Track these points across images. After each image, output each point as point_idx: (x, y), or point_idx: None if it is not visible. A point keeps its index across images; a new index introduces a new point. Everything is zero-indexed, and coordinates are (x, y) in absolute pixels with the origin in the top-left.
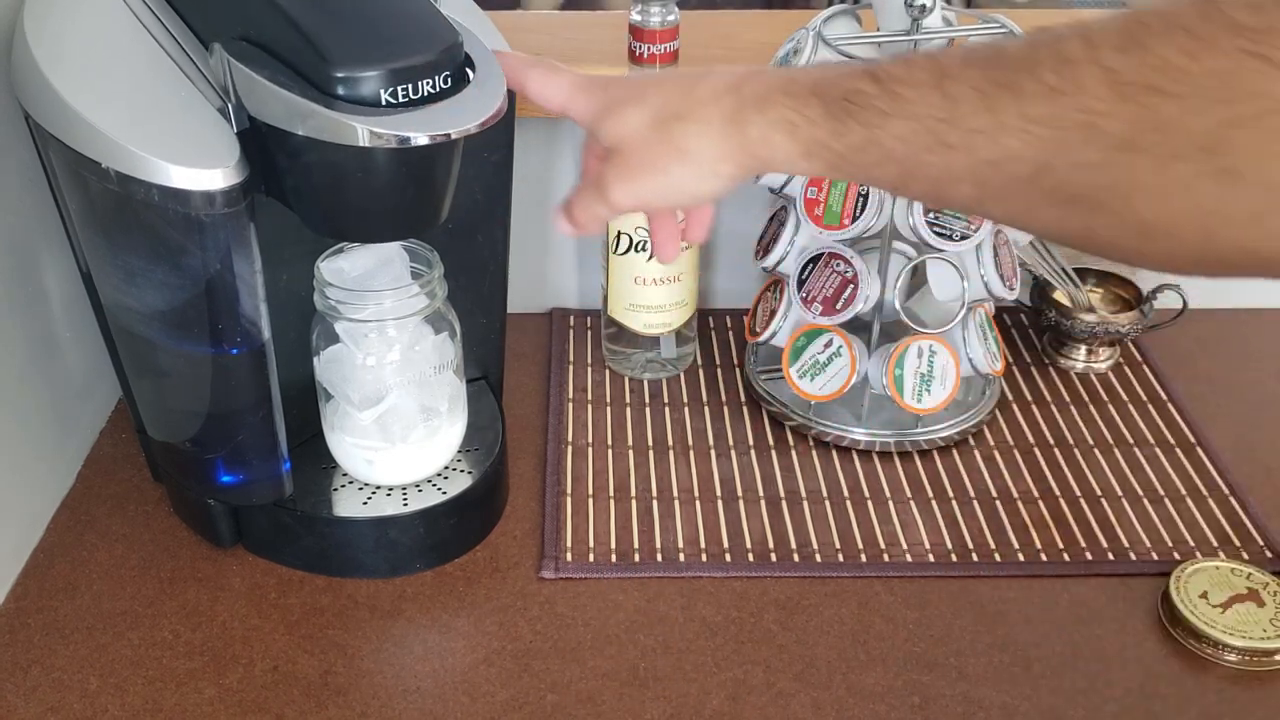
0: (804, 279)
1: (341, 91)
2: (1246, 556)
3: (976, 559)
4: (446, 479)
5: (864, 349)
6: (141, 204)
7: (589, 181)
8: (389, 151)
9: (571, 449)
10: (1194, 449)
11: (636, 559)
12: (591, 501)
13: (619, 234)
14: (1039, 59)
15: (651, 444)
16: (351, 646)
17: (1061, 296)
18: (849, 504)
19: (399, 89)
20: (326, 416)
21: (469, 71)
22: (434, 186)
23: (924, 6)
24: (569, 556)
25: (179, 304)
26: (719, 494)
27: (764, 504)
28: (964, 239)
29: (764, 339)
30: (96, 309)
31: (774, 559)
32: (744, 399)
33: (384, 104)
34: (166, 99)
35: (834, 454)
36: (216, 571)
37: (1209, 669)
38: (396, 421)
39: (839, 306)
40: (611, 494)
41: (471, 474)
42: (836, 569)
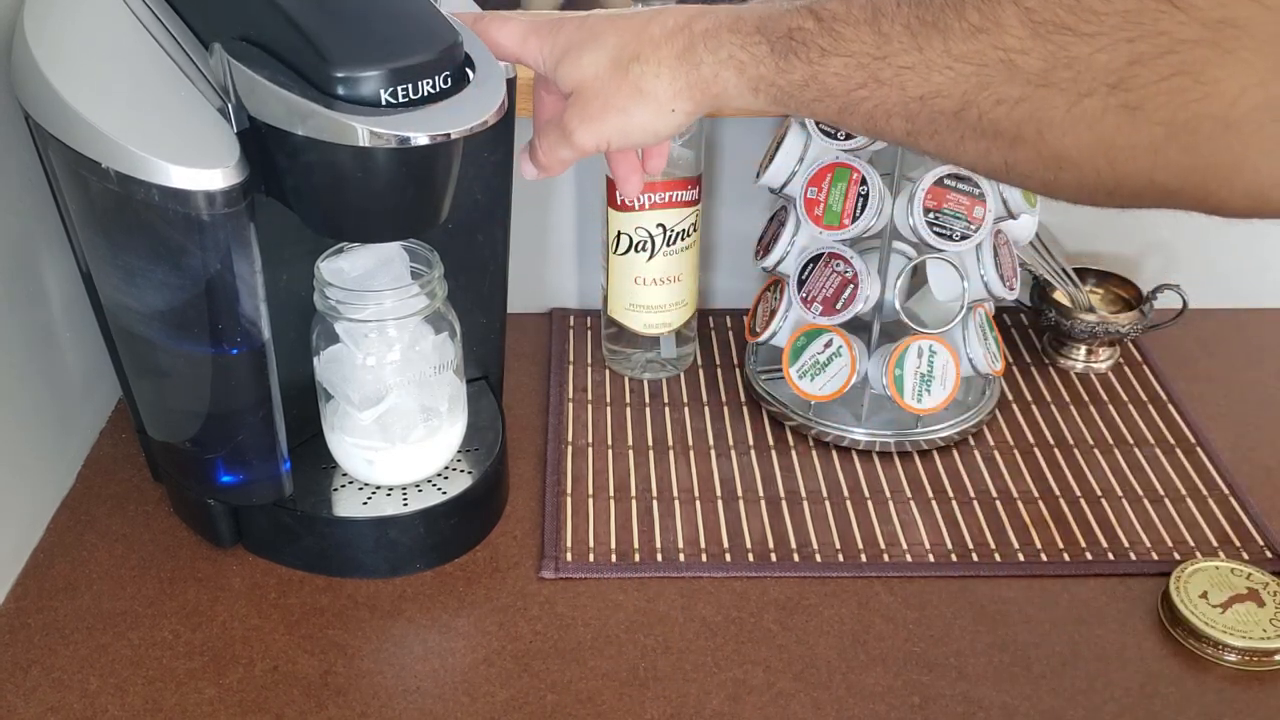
0: (804, 279)
1: (341, 91)
2: (1246, 556)
3: (976, 559)
4: (446, 479)
5: (864, 349)
6: (141, 204)
7: (551, 124)
8: (389, 151)
9: (571, 449)
10: (1194, 449)
11: (636, 559)
12: (591, 501)
13: (619, 234)
14: None
15: (651, 444)
16: (351, 646)
17: (1061, 296)
18: (849, 504)
19: (399, 89)
20: (326, 416)
21: (469, 71)
22: (434, 186)
23: None
24: (569, 556)
25: (179, 304)
26: (719, 494)
27: (764, 504)
28: (964, 239)
29: (764, 339)
30: (96, 309)
31: (774, 559)
32: (744, 399)
33: (384, 104)
34: (166, 99)
35: (834, 454)
36: (216, 571)
37: (1209, 669)
38: (396, 421)
39: (839, 306)
40: (611, 494)
41: (471, 474)
42: (836, 569)
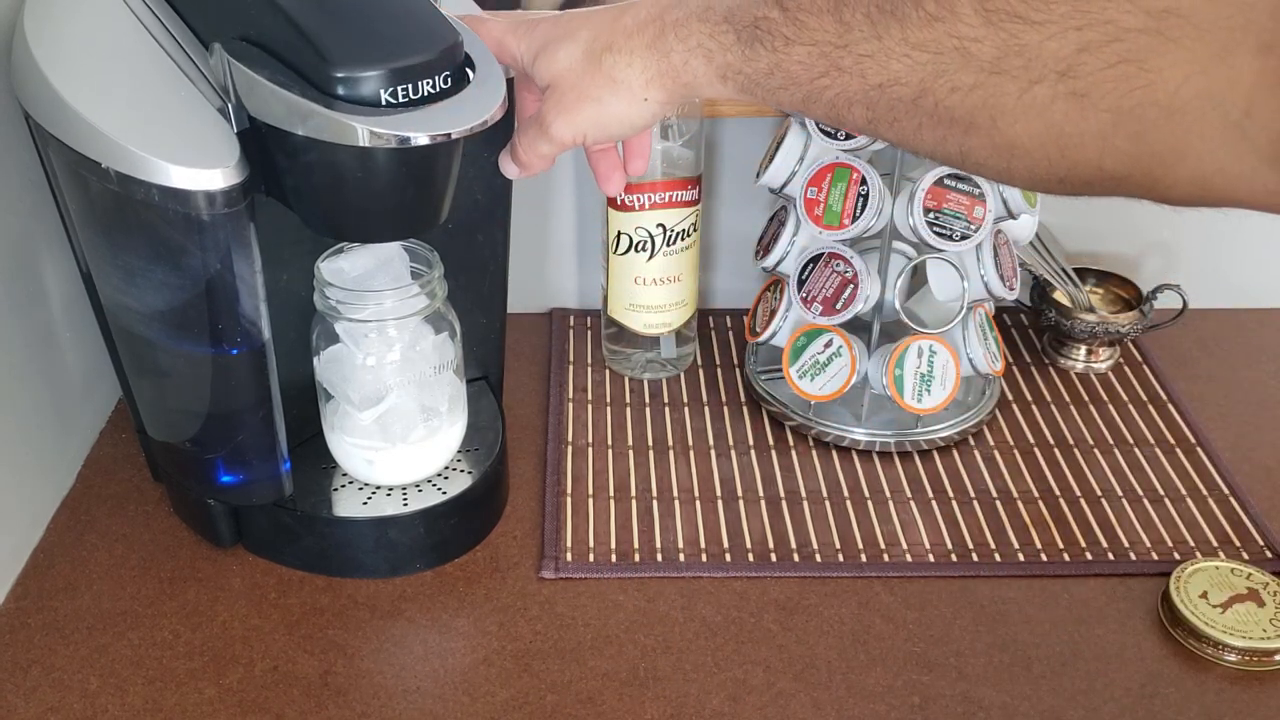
0: (804, 279)
1: (341, 91)
2: (1246, 556)
3: (976, 559)
4: (446, 479)
5: (864, 349)
6: (141, 204)
7: (529, 120)
8: (389, 151)
9: (571, 449)
10: (1194, 449)
11: (636, 559)
12: (591, 501)
13: (619, 234)
14: None
15: (651, 444)
16: (351, 646)
17: (1061, 296)
18: (849, 504)
19: (399, 89)
20: (326, 416)
21: (469, 71)
22: (434, 186)
23: None
24: (569, 556)
25: (179, 304)
26: (719, 494)
27: (764, 504)
28: (964, 239)
29: (764, 339)
30: (96, 309)
31: (774, 559)
32: (744, 399)
33: (384, 104)
34: (166, 99)
35: (834, 454)
36: (216, 571)
37: (1209, 669)
38: (396, 421)
39: (839, 306)
40: (611, 494)
41: (471, 474)
42: (836, 569)
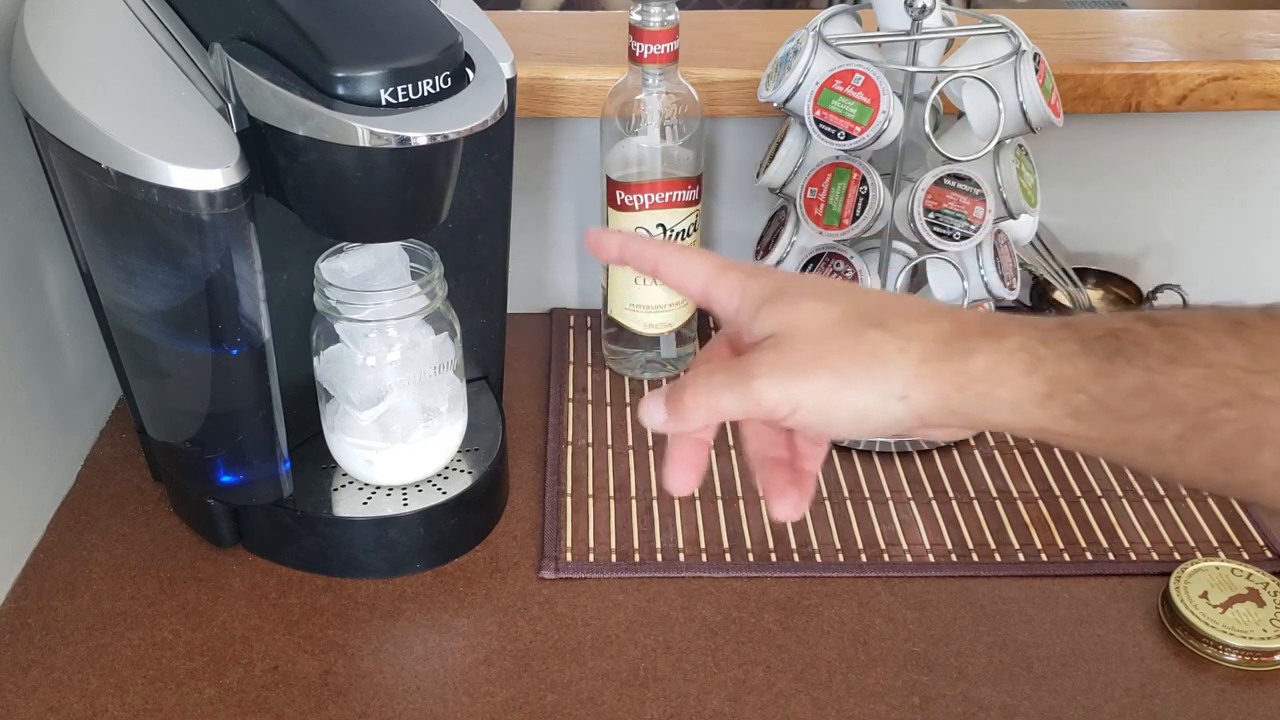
0: None
1: (341, 91)
2: (1246, 556)
3: (976, 559)
4: (446, 479)
5: None
6: (141, 204)
7: (718, 366)
8: (389, 151)
9: (571, 449)
10: None
11: (636, 559)
12: (591, 501)
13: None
14: None
15: (651, 444)
16: (351, 646)
17: (1061, 296)
18: (849, 504)
19: (399, 89)
20: (326, 416)
21: (469, 71)
22: (434, 186)
23: (924, 7)
24: (569, 556)
25: (179, 304)
26: (719, 494)
27: (764, 504)
28: (964, 239)
29: None
30: (96, 309)
31: (774, 559)
32: None
33: (384, 104)
34: (166, 99)
35: (834, 454)
36: (216, 571)
37: (1209, 669)
38: (396, 421)
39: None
40: (611, 494)
41: (471, 474)
42: (836, 569)
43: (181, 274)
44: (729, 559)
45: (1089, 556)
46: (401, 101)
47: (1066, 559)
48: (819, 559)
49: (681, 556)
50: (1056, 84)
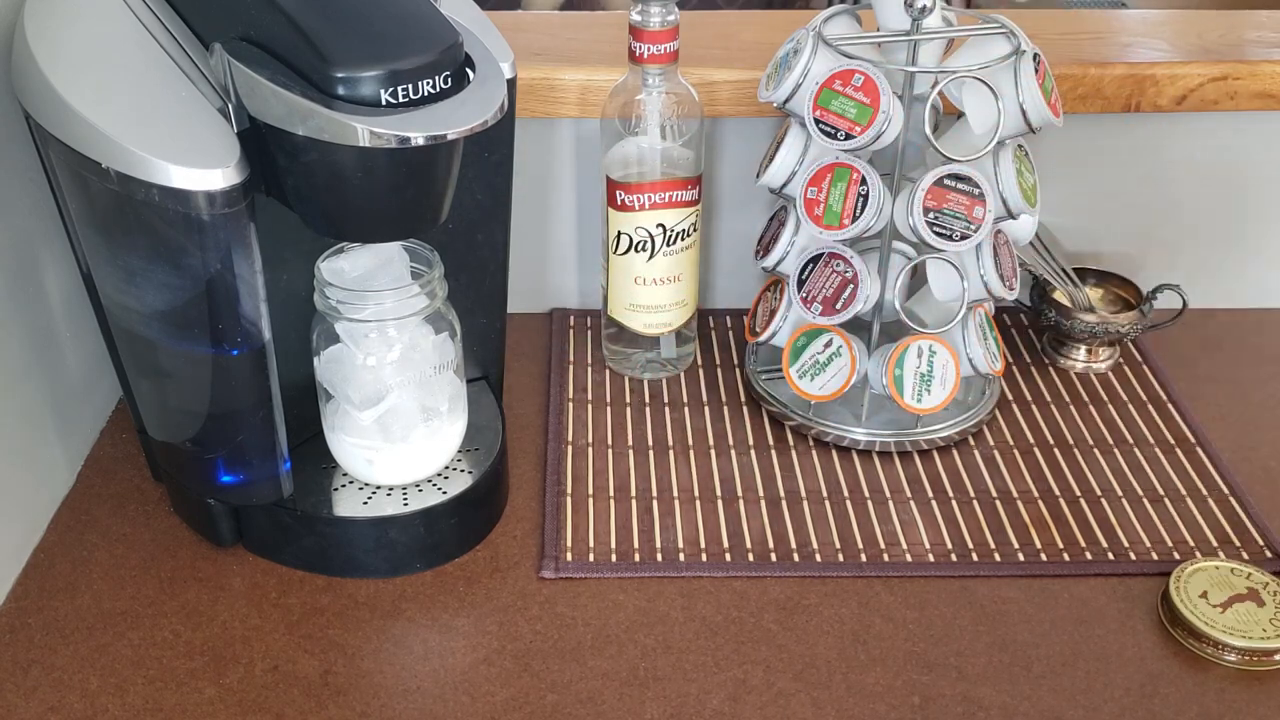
0: (804, 279)
1: (341, 91)
2: (1246, 556)
3: (976, 559)
4: (446, 479)
5: (864, 349)
6: (141, 204)
7: None
8: (389, 151)
9: (571, 449)
10: (1194, 449)
11: (636, 559)
12: (591, 501)
13: (619, 234)
14: None
15: (651, 444)
16: (351, 646)
17: (1061, 296)
18: (849, 504)
19: (399, 89)
20: (326, 416)
21: (469, 71)
22: (434, 187)
23: (924, 7)
24: (569, 556)
25: (179, 304)
26: (719, 494)
27: (764, 504)
28: (964, 239)
29: (764, 339)
30: (96, 309)
31: (774, 559)
32: (744, 399)
33: (384, 104)
34: (166, 99)
35: (834, 454)
36: (216, 571)
37: (1209, 669)
38: (396, 421)
39: (839, 306)
40: (611, 494)
41: (471, 474)
42: (836, 569)
43: (182, 274)
44: (729, 559)
45: (1089, 556)
46: (401, 101)
47: (1066, 559)
48: (819, 559)
49: (681, 556)
50: (1056, 84)
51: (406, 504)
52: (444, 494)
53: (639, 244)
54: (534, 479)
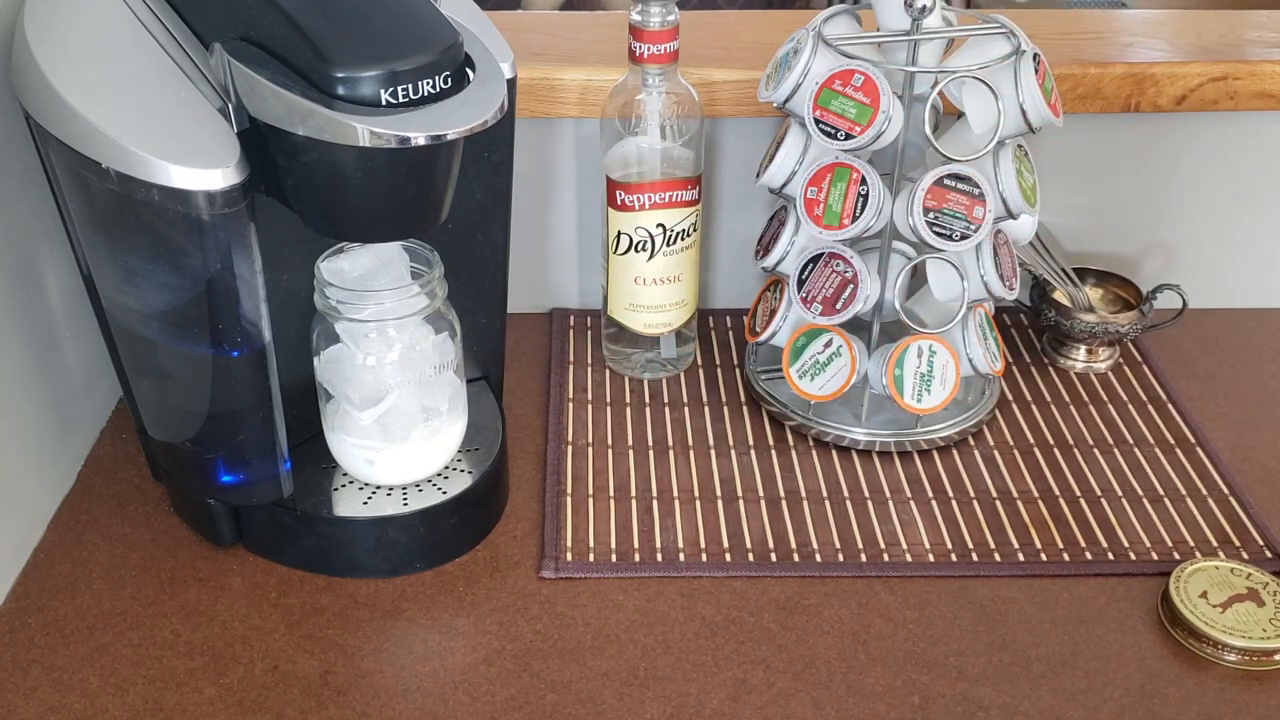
0: (804, 279)
1: (341, 91)
2: (1246, 556)
3: (976, 559)
4: (446, 479)
5: (864, 349)
6: (141, 204)
7: None
8: (389, 151)
9: (571, 449)
10: (1194, 449)
11: (636, 559)
12: (591, 501)
13: (619, 234)
14: None
15: (651, 444)
16: (351, 646)
17: (1061, 296)
18: (849, 504)
19: (399, 89)
20: (327, 416)
21: (469, 71)
22: (434, 187)
23: (924, 7)
24: (569, 556)
25: (179, 304)
26: (719, 494)
27: (764, 504)
28: (964, 239)
29: (764, 339)
30: (96, 309)
31: (774, 559)
32: (744, 399)
33: (384, 104)
34: (166, 99)
35: (834, 454)
36: (216, 571)
37: (1209, 669)
38: (397, 421)
39: (839, 306)
40: (611, 494)
41: (471, 474)
42: (836, 569)
43: (182, 274)
44: (729, 559)
45: (1089, 556)
46: (401, 101)
47: (1066, 559)
48: (819, 559)
49: (681, 556)
50: (1056, 84)
51: (406, 504)
52: (444, 494)
53: (639, 244)
54: (534, 479)
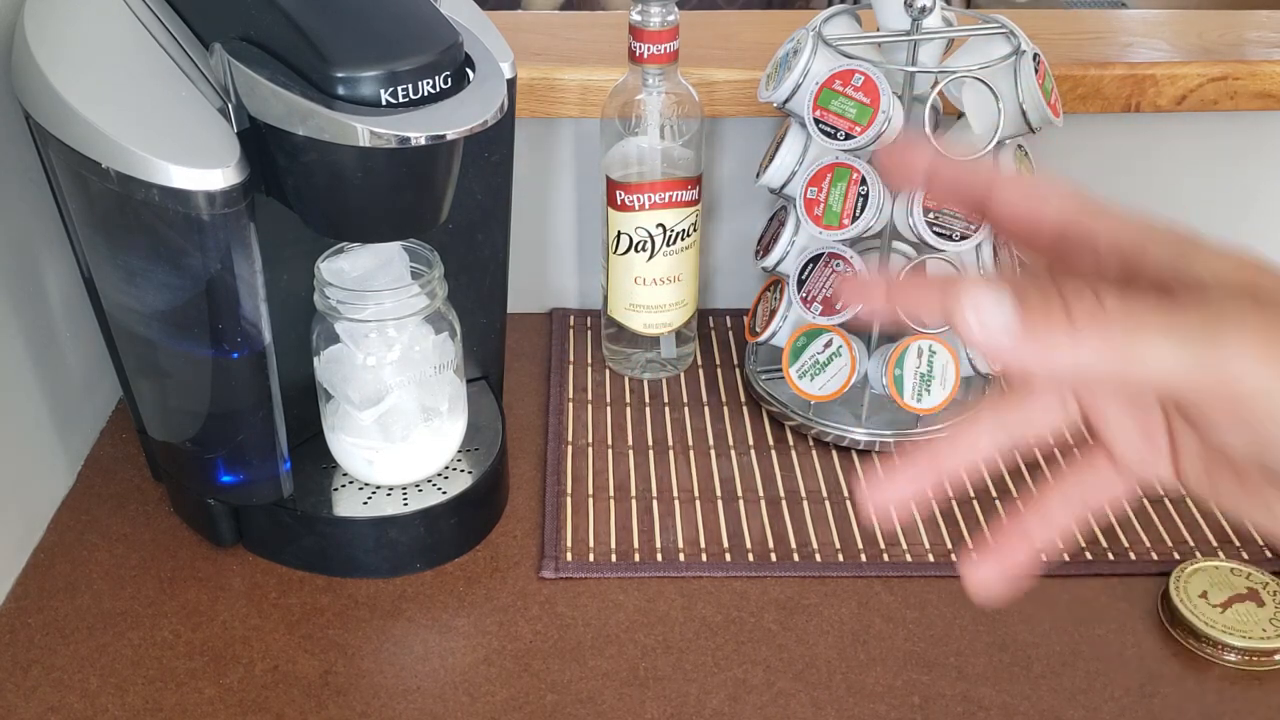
0: (804, 279)
1: (341, 91)
2: (1246, 556)
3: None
4: (446, 479)
5: (864, 349)
6: (141, 204)
7: (1068, 314)
8: (389, 151)
9: (571, 449)
10: None
11: (636, 559)
12: (591, 501)
13: (619, 234)
14: None
15: (651, 444)
16: (351, 646)
17: None
18: (849, 504)
19: (399, 89)
20: (326, 416)
21: (469, 71)
22: (434, 187)
23: (924, 7)
24: (569, 556)
25: (179, 304)
26: (719, 494)
27: (764, 504)
28: (964, 239)
29: (764, 339)
30: (96, 309)
31: (774, 559)
32: (744, 399)
33: (384, 104)
34: (166, 99)
35: (834, 454)
36: (216, 571)
37: (1209, 669)
38: (397, 421)
39: (839, 306)
40: (611, 494)
41: (471, 474)
42: (836, 569)
43: (182, 274)
44: (729, 559)
45: (1089, 556)
46: (401, 102)
47: (1066, 559)
48: (819, 559)
49: (681, 556)
50: (1056, 84)
51: (406, 504)
52: (444, 494)
53: (639, 244)
54: (534, 479)
